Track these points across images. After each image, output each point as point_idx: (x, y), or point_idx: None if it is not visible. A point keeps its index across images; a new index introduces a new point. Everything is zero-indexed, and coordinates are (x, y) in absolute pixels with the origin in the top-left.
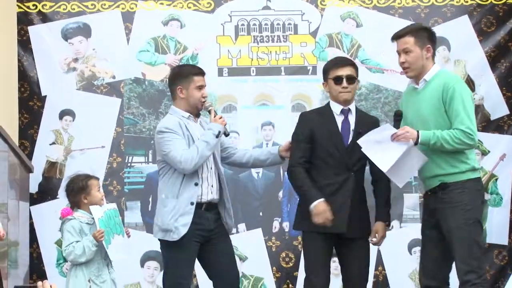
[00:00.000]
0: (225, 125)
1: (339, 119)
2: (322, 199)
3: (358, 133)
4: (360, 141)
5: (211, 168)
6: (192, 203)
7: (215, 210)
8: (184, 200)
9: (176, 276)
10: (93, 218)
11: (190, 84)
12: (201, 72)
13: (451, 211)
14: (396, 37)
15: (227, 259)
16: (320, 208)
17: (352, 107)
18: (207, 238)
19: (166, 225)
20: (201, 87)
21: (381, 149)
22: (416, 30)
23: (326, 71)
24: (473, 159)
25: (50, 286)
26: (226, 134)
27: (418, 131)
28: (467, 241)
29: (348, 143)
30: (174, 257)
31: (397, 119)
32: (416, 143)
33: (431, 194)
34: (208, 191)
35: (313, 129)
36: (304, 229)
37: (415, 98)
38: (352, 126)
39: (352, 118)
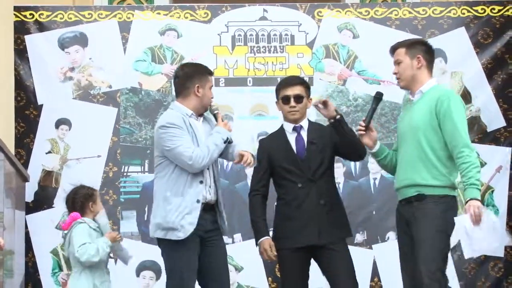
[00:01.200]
0: (230, 131)
1: (292, 137)
2: (266, 237)
3: (310, 143)
4: (467, 255)
5: (208, 169)
6: (198, 201)
7: (211, 212)
8: (189, 198)
9: (182, 278)
10: (97, 227)
11: (206, 83)
12: (212, 72)
13: (423, 220)
14: (392, 50)
15: (219, 265)
16: (264, 245)
17: (304, 123)
18: (203, 240)
19: (171, 223)
20: (211, 87)
21: (481, 238)
22: (410, 42)
23: (276, 91)
24: (454, 177)
25: None
26: (230, 142)
27: (469, 199)
28: (432, 249)
29: (303, 156)
30: (177, 257)
31: (377, 96)
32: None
33: (405, 204)
34: (207, 192)
35: (269, 153)
36: (277, 247)
37: (410, 109)
38: (305, 139)
39: (304, 133)
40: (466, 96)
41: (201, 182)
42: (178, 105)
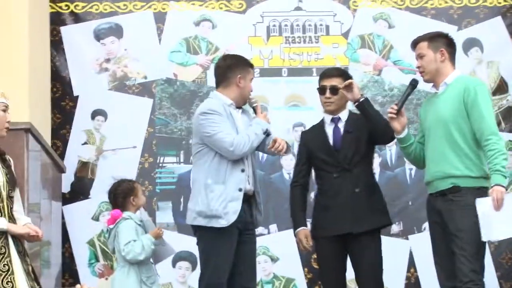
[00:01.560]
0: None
1: (330, 128)
2: (303, 227)
3: (346, 132)
4: (484, 238)
5: (247, 159)
6: (240, 189)
7: (248, 202)
8: (231, 186)
9: (218, 272)
10: (141, 220)
11: (248, 74)
12: (253, 65)
13: (461, 213)
14: (413, 44)
15: (250, 262)
16: (300, 235)
17: (343, 114)
18: (240, 232)
19: (215, 211)
20: (251, 80)
21: (501, 222)
22: (431, 35)
23: (318, 82)
24: (486, 166)
25: None
26: (268, 134)
27: (495, 185)
28: (476, 241)
29: (339, 146)
30: (217, 246)
31: (413, 83)
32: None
33: (438, 196)
34: (247, 181)
35: (308, 145)
36: (313, 236)
37: (435, 102)
38: (342, 129)
39: (342, 124)
40: (503, 86)
41: (243, 170)
42: (218, 95)
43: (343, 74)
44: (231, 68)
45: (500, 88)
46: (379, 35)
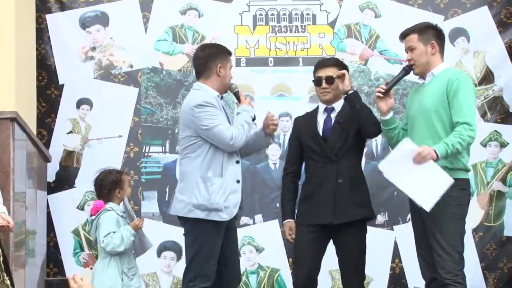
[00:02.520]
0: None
1: (322, 117)
2: (288, 220)
3: (336, 123)
4: (380, 166)
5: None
6: (238, 181)
7: None
8: (229, 178)
9: (207, 263)
10: (123, 212)
11: (227, 63)
12: (231, 53)
13: (438, 205)
14: (402, 36)
15: (234, 248)
16: (284, 227)
17: (337, 104)
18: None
19: (216, 205)
20: (231, 67)
21: (405, 173)
22: (420, 28)
23: (313, 73)
24: (466, 160)
25: (81, 279)
26: (253, 119)
27: (435, 150)
28: (453, 234)
29: (328, 136)
30: (210, 239)
31: (406, 68)
32: (436, 160)
33: None
34: (240, 168)
35: (299, 132)
36: (297, 224)
37: (420, 92)
38: (333, 120)
39: (334, 114)
40: (489, 76)
41: (237, 162)
42: (204, 86)
43: (338, 63)
44: (210, 58)
45: (486, 78)
46: (365, 25)
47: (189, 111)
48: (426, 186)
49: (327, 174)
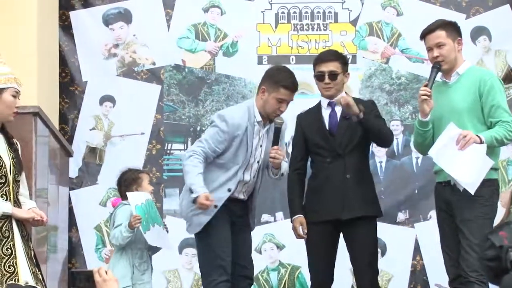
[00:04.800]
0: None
1: (326, 112)
2: (298, 215)
3: (343, 118)
4: (430, 152)
5: (254, 177)
6: (215, 206)
7: (242, 204)
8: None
9: (214, 258)
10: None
11: (273, 92)
12: (292, 88)
13: (468, 204)
14: (427, 32)
15: (247, 250)
16: (294, 223)
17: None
18: (233, 223)
19: (184, 215)
20: (281, 101)
21: (451, 157)
22: (446, 24)
23: (313, 67)
24: (497, 159)
25: (106, 272)
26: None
27: (479, 136)
28: (482, 232)
29: (335, 131)
30: (204, 241)
31: (437, 66)
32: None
33: (446, 186)
34: (240, 194)
35: (303, 129)
36: (306, 221)
37: (446, 92)
38: (339, 114)
39: (339, 108)
40: (510, 75)
41: (229, 190)
42: (253, 103)
43: (340, 57)
44: (265, 77)
45: (508, 77)
46: (387, 23)
47: (215, 114)
48: (471, 170)
49: (335, 170)
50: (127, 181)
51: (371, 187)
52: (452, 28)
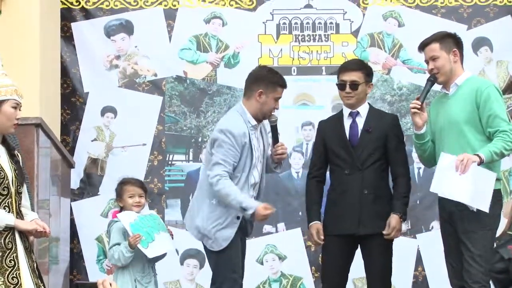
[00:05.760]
0: (263, 217)
1: (347, 122)
2: (315, 222)
3: (365, 131)
4: (432, 189)
5: (259, 177)
6: (238, 218)
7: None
8: (232, 213)
9: (229, 272)
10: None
11: (272, 92)
12: (285, 85)
13: (470, 215)
14: (422, 46)
15: (244, 259)
16: (311, 230)
17: (362, 108)
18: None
19: (207, 232)
20: (278, 99)
21: (455, 185)
22: (441, 36)
23: (337, 75)
24: (499, 170)
25: (110, 285)
26: (245, 210)
27: (477, 154)
28: (484, 244)
29: (356, 143)
30: (221, 257)
31: (431, 79)
32: (480, 164)
33: None
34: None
35: (324, 136)
36: (324, 233)
37: (446, 103)
38: (361, 126)
39: (361, 120)
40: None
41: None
42: (245, 110)
43: (363, 67)
44: (256, 80)
45: (510, 87)
46: (388, 34)
47: (216, 130)
48: (478, 189)
49: (352, 183)
50: (116, 193)
51: (388, 204)
52: (448, 40)
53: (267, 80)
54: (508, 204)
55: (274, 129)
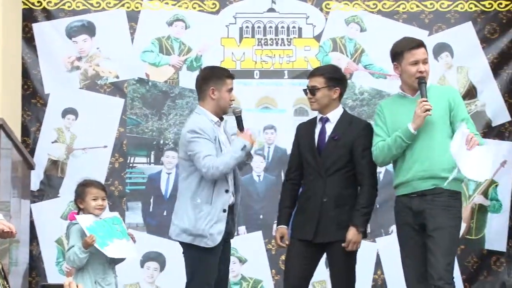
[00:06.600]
0: (252, 143)
1: (318, 128)
2: (281, 226)
3: (332, 139)
4: (451, 149)
5: (232, 174)
6: (224, 210)
7: (229, 214)
8: (217, 207)
9: (204, 283)
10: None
11: (222, 86)
12: (232, 76)
13: (442, 213)
14: (415, 47)
15: (224, 271)
16: (276, 233)
17: (332, 114)
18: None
19: (201, 231)
20: (231, 90)
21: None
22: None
23: None
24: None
25: (77, 286)
26: (248, 154)
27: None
28: (452, 240)
29: (322, 149)
30: (203, 263)
31: (422, 81)
32: None
33: (416, 197)
34: (230, 197)
35: (299, 140)
36: (290, 236)
37: (410, 105)
38: (329, 132)
39: (330, 126)
40: (472, 91)
41: (227, 191)
42: (204, 110)
43: (325, 72)
44: (204, 80)
45: (469, 93)
46: (351, 39)
47: (184, 134)
48: (480, 165)
49: (315, 190)
50: (75, 195)
51: (348, 212)
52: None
53: (214, 77)
54: (466, 208)
55: (239, 120)
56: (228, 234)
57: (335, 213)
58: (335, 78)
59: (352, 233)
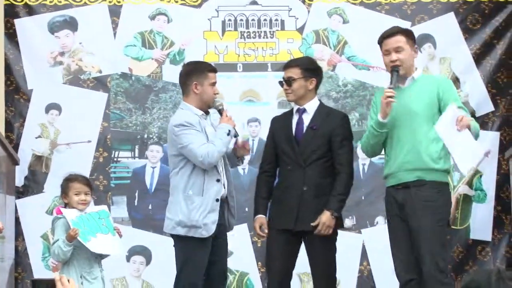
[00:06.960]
0: (234, 126)
1: (295, 118)
2: (259, 215)
3: (310, 128)
4: (436, 127)
5: (221, 165)
6: (217, 200)
7: (221, 207)
8: (209, 197)
9: (194, 275)
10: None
11: (205, 80)
12: (215, 69)
13: (424, 210)
14: (387, 36)
15: (221, 266)
16: (254, 223)
17: (309, 105)
18: (216, 235)
19: (195, 222)
20: (214, 84)
21: (452, 135)
22: (406, 30)
23: None
24: (449, 162)
25: (68, 281)
26: (235, 135)
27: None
28: (438, 242)
29: (300, 140)
30: (196, 254)
31: (397, 69)
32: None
33: (400, 189)
34: (222, 190)
35: (274, 132)
36: (268, 227)
37: (400, 96)
38: (307, 123)
39: (308, 116)
40: (455, 82)
41: (218, 180)
42: (188, 105)
43: (301, 63)
44: (187, 76)
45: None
46: (333, 30)
47: (171, 130)
48: (466, 152)
49: (294, 180)
50: (60, 189)
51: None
52: (411, 36)
53: (196, 71)
54: (452, 199)
55: (221, 113)
56: (223, 226)
57: (314, 202)
58: (311, 69)
59: (326, 216)
